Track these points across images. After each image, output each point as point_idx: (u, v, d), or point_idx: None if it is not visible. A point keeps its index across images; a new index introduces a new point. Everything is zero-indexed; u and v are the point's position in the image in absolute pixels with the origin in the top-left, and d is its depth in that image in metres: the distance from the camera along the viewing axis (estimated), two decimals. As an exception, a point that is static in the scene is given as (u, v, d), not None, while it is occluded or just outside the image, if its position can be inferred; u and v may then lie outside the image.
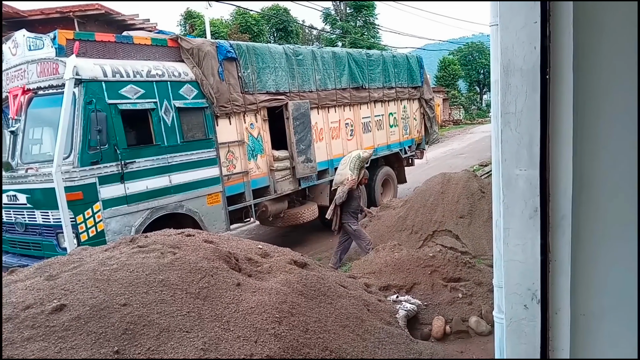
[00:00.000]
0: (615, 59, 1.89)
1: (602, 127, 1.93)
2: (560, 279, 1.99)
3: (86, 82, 5.25)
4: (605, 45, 1.87)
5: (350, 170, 6.47)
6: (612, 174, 1.94)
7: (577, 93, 1.87)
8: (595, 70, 1.90)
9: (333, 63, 8.81)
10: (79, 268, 3.02)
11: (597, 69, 1.89)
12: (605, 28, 1.87)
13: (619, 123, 1.89)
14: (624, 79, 1.86)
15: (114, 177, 5.42)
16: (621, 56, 1.87)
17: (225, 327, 2.76)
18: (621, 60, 1.87)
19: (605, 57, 1.89)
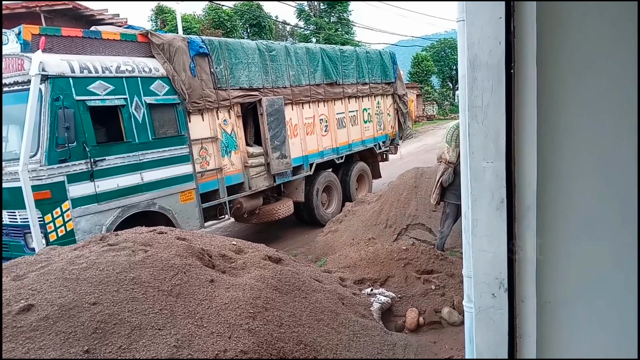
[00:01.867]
0: (577, 53, 1.95)
1: (565, 120, 1.99)
2: (526, 268, 2.05)
3: (53, 78, 5.12)
4: (567, 40, 1.93)
5: (447, 143, 5.39)
6: (575, 164, 2.01)
7: (541, 87, 1.92)
8: (558, 64, 1.95)
9: (307, 59, 8.80)
10: (47, 267, 2.95)
11: (560, 63, 1.95)
12: (568, 23, 1.93)
13: (582, 115, 1.95)
14: (586, 73, 1.93)
15: (83, 175, 5.30)
16: (583, 50, 1.93)
17: (199, 324, 2.75)
18: (583, 55, 1.94)
19: (567, 52, 1.95)
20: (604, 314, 1.94)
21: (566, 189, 2.03)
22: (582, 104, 1.97)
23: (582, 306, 2.03)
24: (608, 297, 1.92)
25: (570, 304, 2.07)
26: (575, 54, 1.96)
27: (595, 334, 1.93)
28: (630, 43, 1.76)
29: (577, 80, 1.96)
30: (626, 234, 1.85)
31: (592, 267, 1.99)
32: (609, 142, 1.89)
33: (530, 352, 2.01)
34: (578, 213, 2.03)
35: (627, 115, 1.81)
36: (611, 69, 1.84)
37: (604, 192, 1.95)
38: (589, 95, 1.92)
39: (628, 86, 1.80)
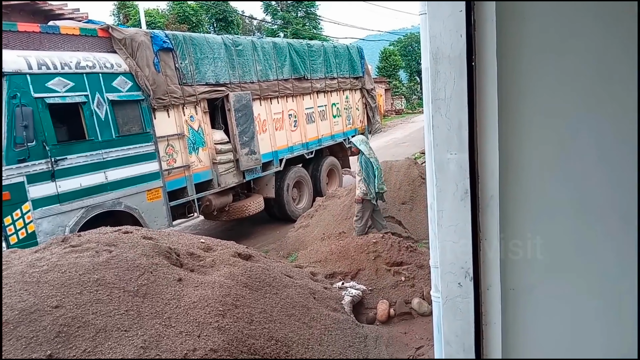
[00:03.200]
0: (537, 45, 1.99)
1: (525, 111, 2.04)
2: (490, 256, 2.09)
3: (9, 75, 4.92)
4: (527, 33, 1.97)
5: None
6: (535, 154, 2.06)
7: (501, 79, 1.96)
8: (518, 56, 1.99)
9: (274, 53, 8.74)
10: (6, 271, 2.84)
11: (520, 55, 1.99)
12: (527, 16, 1.97)
13: (542, 106, 2.00)
14: (545, 65, 1.98)
15: (44, 175, 5.13)
16: (542, 43, 1.98)
17: (167, 324, 2.70)
18: (542, 47, 1.98)
19: (527, 44, 1.99)
20: (567, 299, 2.00)
21: (528, 179, 2.08)
22: (543, 95, 2.02)
23: (545, 292, 2.09)
24: (570, 282, 1.98)
25: (533, 291, 2.13)
26: (534, 46, 2.01)
27: (560, 319, 1.99)
28: (589, 34, 1.81)
29: (537, 72, 2.01)
30: (586, 220, 1.91)
31: (554, 254, 2.05)
32: (568, 132, 1.94)
33: (496, 338, 2.06)
34: (540, 202, 2.08)
35: (585, 105, 1.87)
36: (571, 61, 1.90)
37: (564, 181, 2.01)
38: (549, 86, 1.97)
39: (586, 77, 1.86)
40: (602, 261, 1.86)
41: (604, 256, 1.86)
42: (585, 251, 1.93)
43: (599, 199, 1.84)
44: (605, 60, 1.76)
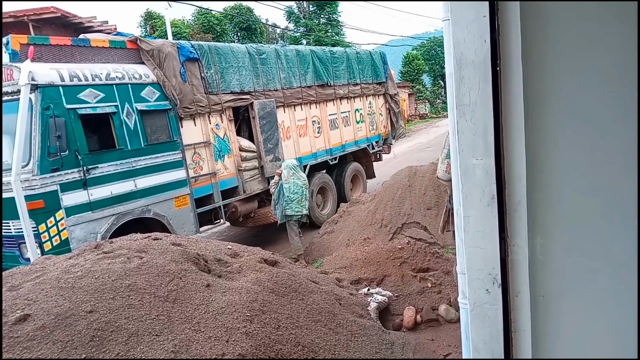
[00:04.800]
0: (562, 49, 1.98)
1: (552, 115, 2.02)
2: (519, 262, 2.07)
3: (43, 87, 5.11)
4: (552, 37, 1.96)
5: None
6: (564, 159, 2.03)
7: (527, 83, 1.95)
8: (543, 60, 1.98)
9: (297, 61, 8.82)
10: (42, 277, 2.95)
11: (545, 58, 1.98)
12: (552, 20, 1.96)
13: (568, 110, 1.98)
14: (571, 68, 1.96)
15: (77, 184, 5.29)
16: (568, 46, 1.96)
17: (196, 329, 2.75)
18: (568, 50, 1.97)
19: (552, 48, 1.98)
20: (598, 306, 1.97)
21: (556, 184, 2.06)
22: (569, 98, 1.99)
23: (576, 299, 2.05)
24: (601, 289, 1.95)
25: (564, 297, 2.09)
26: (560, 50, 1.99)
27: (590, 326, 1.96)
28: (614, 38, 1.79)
29: (563, 76, 1.99)
30: (616, 226, 1.88)
31: (584, 259, 2.02)
32: (596, 135, 1.92)
33: (526, 346, 2.04)
34: (569, 206, 2.05)
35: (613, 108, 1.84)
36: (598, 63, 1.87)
37: (593, 186, 1.98)
38: (575, 90, 1.95)
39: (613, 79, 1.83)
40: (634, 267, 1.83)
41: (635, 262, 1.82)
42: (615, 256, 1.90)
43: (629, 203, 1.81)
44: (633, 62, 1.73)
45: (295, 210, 6.90)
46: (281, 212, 6.95)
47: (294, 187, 6.89)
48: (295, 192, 6.87)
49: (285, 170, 6.97)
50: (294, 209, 6.89)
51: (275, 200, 7.06)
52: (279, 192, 6.96)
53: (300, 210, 6.95)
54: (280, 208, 6.95)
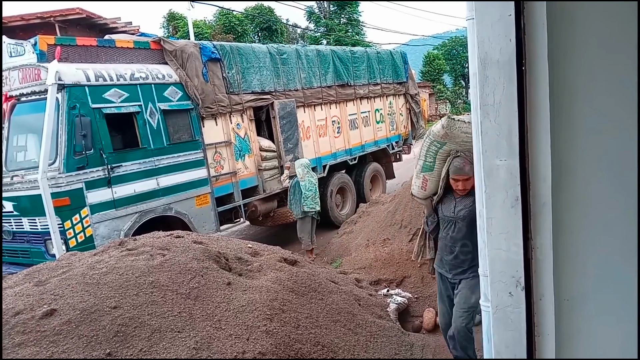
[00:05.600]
0: (589, 48, 1.94)
1: (579, 115, 1.98)
2: (543, 265, 2.03)
3: (69, 87, 5.22)
4: (579, 36, 1.92)
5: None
6: (590, 160, 1.99)
7: (553, 83, 1.92)
8: (569, 60, 1.95)
9: (317, 61, 8.83)
10: (68, 273, 3.01)
11: (572, 58, 1.94)
12: (579, 19, 1.93)
13: (595, 110, 1.94)
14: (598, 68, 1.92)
15: (101, 182, 5.39)
16: (594, 46, 1.92)
17: (217, 326, 2.78)
18: (594, 50, 1.93)
19: (579, 48, 1.94)
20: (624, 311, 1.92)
21: (581, 185, 2.02)
22: (596, 99, 1.95)
23: (601, 303, 2.01)
24: (627, 292, 1.90)
25: (589, 301, 2.05)
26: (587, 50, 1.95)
27: (616, 331, 1.92)
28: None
29: (590, 76, 1.95)
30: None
31: (610, 262, 1.97)
32: (624, 136, 1.88)
33: (549, 350, 2.00)
34: (594, 209, 2.01)
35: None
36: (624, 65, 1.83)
37: (619, 187, 1.94)
38: (602, 89, 1.91)
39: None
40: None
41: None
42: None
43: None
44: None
45: (310, 207, 7.19)
46: (300, 208, 7.22)
47: (309, 184, 7.16)
48: (309, 190, 7.15)
49: (300, 168, 7.19)
50: (309, 205, 7.18)
51: (291, 197, 7.34)
52: (294, 190, 7.24)
53: (314, 207, 7.25)
54: (299, 204, 7.22)
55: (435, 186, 3.09)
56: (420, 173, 3.06)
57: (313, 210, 7.28)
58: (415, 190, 3.18)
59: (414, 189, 3.20)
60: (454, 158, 2.91)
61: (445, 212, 3.12)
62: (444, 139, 2.85)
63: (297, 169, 7.23)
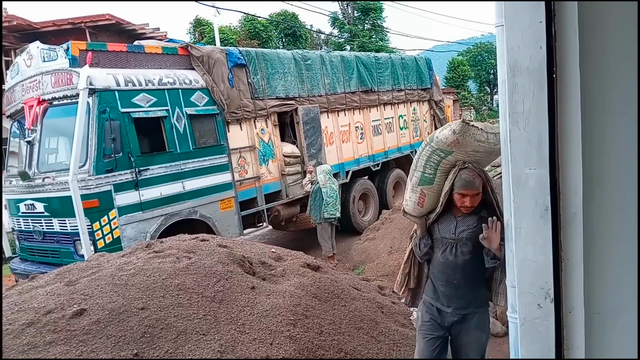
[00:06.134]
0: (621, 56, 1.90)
1: (611, 123, 1.94)
2: (574, 277, 1.99)
3: (100, 91, 5.35)
4: (611, 43, 1.89)
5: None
6: (622, 170, 1.95)
7: (584, 91, 1.88)
8: (601, 67, 1.91)
9: (342, 67, 8.85)
10: (98, 273, 3.08)
11: (604, 66, 1.91)
12: (611, 26, 1.89)
13: (628, 119, 1.90)
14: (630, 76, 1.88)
15: (129, 185, 5.50)
16: (627, 54, 1.88)
17: (241, 330, 2.81)
18: (627, 58, 1.89)
19: (611, 55, 1.91)
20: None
21: (614, 196, 1.97)
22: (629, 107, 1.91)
23: (634, 317, 1.95)
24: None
25: (621, 315, 1.99)
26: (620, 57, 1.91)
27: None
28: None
29: (623, 84, 1.91)
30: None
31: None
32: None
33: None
34: (627, 220, 1.96)
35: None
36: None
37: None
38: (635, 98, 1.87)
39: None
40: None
41: None
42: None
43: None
44: None
45: (330, 213, 7.24)
46: (320, 214, 7.28)
47: (330, 191, 7.22)
48: (330, 196, 7.21)
49: (321, 175, 7.25)
50: (329, 212, 7.23)
51: (311, 202, 7.41)
52: (315, 195, 7.31)
53: (334, 213, 7.29)
54: (318, 210, 7.29)
55: (434, 202, 2.63)
56: (417, 187, 2.59)
57: (333, 217, 7.33)
58: (410, 206, 2.68)
59: (407, 206, 2.70)
60: (461, 170, 2.50)
61: (444, 233, 2.65)
62: (452, 147, 2.44)
63: (318, 175, 7.28)
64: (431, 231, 2.71)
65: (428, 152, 2.49)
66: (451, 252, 2.62)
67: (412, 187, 2.61)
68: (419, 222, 2.71)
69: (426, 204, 2.61)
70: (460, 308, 2.63)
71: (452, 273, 2.62)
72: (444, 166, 2.49)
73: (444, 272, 2.65)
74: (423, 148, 2.52)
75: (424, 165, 2.52)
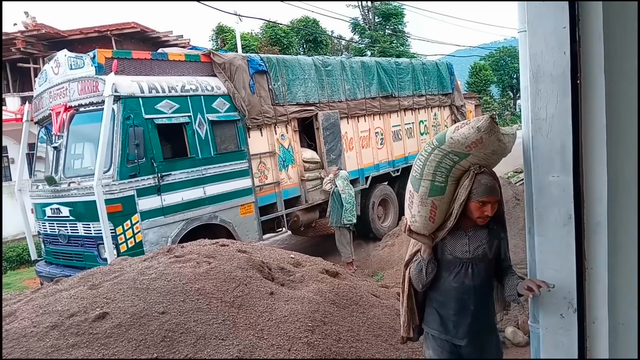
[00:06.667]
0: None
1: (637, 130, 1.89)
2: (597, 287, 1.95)
3: (124, 98, 5.46)
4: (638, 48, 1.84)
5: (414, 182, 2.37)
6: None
7: (610, 97, 1.84)
8: (627, 73, 1.87)
9: (362, 73, 8.85)
10: (120, 277, 3.14)
11: (630, 72, 1.86)
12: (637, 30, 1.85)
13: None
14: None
15: (151, 190, 5.59)
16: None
17: (260, 336, 2.82)
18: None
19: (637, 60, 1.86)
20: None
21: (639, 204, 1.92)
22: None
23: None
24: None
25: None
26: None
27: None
28: None
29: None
30: None
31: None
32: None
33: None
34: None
35: None
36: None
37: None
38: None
39: None
40: None
41: None
42: None
43: None
44: None
45: (348, 219, 7.31)
46: (339, 219, 7.37)
47: (349, 197, 7.30)
48: (349, 202, 7.28)
49: (340, 180, 7.34)
50: (347, 218, 7.31)
51: (331, 206, 7.51)
52: (334, 200, 7.42)
53: (352, 219, 7.38)
54: (338, 215, 7.38)
55: (443, 216, 2.24)
56: (428, 198, 2.18)
57: (351, 222, 7.39)
58: (420, 223, 2.22)
59: (416, 222, 2.23)
60: (477, 175, 2.18)
61: (457, 253, 2.28)
62: (471, 149, 2.10)
63: (337, 181, 7.34)
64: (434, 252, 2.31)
65: (438, 156, 2.14)
66: (466, 274, 2.27)
67: (420, 199, 2.19)
68: (427, 241, 2.26)
69: (437, 218, 2.22)
70: (477, 336, 2.32)
71: (469, 298, 2.29)
72: (456, 172, 2.17)
73: (459, 299, 2.29)
74: (430, 152, 2.17)
75: (434, 173, 2.16)
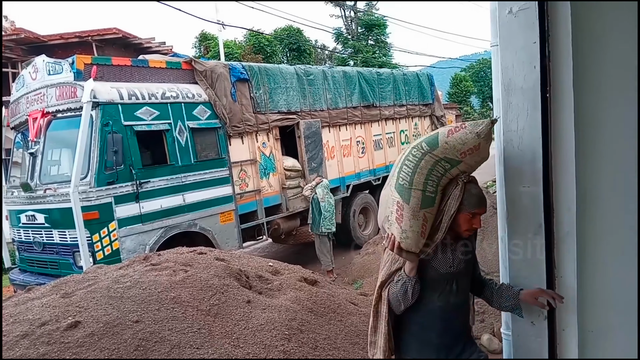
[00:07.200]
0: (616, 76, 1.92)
1: (605, 143, 1.95)
2: (567, 295, 1.99)
3: (103, 104, 5.40)
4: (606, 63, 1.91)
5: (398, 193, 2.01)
6: (616, 189, 1.96)
7: (578, 110, 1.90)
8: (596, 88, 1.93)
9: (344, 82, 8.92)
10: (94, 286, 3.09)
11: (598, 86, 1.93)
12: (606, 46, 1.92)
13: (623, 137, 1.91)
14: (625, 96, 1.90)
15: (129, 197, 5.52)
16: (623, 74, 1.90)
17: (235, 344, 2.80)
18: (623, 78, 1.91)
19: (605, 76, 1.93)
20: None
21: (608, 215, 1.98)
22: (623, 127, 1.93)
23: (628, 336, 1.95)
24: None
25: (615, 334, 1.99)
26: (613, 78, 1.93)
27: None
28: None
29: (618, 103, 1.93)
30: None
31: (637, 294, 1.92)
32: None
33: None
34: (620, 239, 1.96)
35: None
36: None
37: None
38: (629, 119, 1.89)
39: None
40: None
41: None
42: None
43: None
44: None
45: (327, 227, 7.39)
46: (318, 227, 7.43)
47: (328, 205, 7.37)
48: (328, 210, 7.36)
49: (320, 189, 7.41)
50: (326, 226, 7.38)
51: (311, 214, 7.55)
52: (313, 207, 7.47)
53: (330, 228, 7.45)
54: (317, 223, 7.43)
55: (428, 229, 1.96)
56: (420, 211, 1.90)
57: (329, 231, 7.44)
58: (412, 240, 1.91)
59: (407, 239, 1.91)
60: (467, 184, 1.96)
61: (442, 269, 2.03)
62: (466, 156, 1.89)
63: (317, 189, 7.39)
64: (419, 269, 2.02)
65: (430, 163, 1.90)
66: (451, 291, 2.05)
67: (412, 212, 1.89)
68: (416, 259, 1.97)
69: (427, 232, 1.95)
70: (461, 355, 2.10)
71: (455, 317, 2.08)
72: (443, 182, 1.95)
73: (444, 319, 2.06)
74: (420, 158, 1.91)
75: (425, 182, 1.90)
